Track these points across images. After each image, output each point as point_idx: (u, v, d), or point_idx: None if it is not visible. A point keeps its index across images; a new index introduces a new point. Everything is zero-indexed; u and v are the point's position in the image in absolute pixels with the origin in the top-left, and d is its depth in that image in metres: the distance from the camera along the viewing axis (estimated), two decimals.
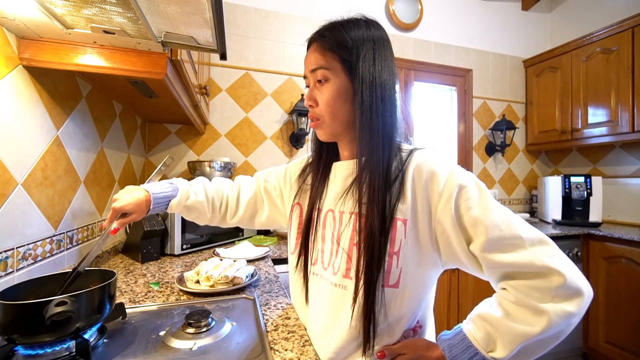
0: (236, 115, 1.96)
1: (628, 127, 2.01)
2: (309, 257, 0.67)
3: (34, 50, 0.74)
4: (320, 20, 0.62)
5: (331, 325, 0.59)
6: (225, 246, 1.47)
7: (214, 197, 0.80)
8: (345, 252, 0.59)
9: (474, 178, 0.55)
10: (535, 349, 0.50)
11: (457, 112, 2.55)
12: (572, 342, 2.01)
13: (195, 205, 0.76)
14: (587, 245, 2.05)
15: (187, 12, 0.62)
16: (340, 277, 0.59)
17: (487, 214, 0.50)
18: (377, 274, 0.53)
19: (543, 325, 0.46)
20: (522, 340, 0.48)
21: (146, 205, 0.70)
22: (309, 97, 0.62)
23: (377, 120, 0.56)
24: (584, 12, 2.56)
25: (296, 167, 0.78)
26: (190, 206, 0.75)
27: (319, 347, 0.61)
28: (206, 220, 0.80)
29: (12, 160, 0.71)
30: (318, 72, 0.59)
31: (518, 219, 0.52)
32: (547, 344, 0.49)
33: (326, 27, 0.61)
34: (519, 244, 0.49)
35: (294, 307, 0.75)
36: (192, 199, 0.75)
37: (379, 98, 0.57)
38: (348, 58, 0.58)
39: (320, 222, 0.66)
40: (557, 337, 0.49)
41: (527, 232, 0.50)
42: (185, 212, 0.76)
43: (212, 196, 0.79)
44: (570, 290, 0.47)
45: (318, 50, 0.60)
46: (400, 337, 0.58)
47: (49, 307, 0.50)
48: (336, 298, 0.59)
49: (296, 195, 0.73)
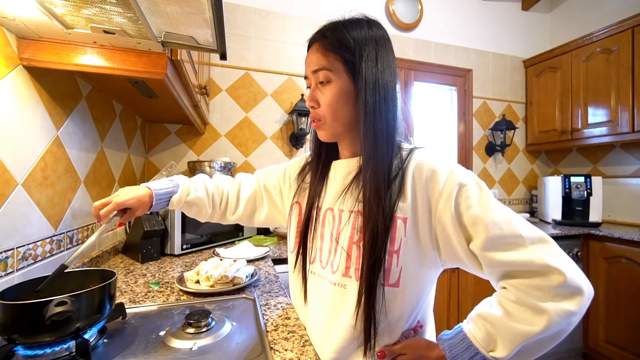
0: (236, 115, 1.96)
1: (628, 127, 2.01)
2: (308, 255, 0.67)
3: (34, 50, 0.74)
4: (320, 20, 0.62)
5: (331, 324, 0.59)
6: (225, 246, 1.47)
7: (214, 193, 0.80)
8: (345, 250, 0.59)
9: (474, 177, 0.55)
10: (535, 349, 0.50)
11: (457, 112, 2.55)
12: (572, 342, 2.01)
13: (196, 201, 0.76)
14: (587, 245, 2.05)
15: (187, 12, 0.62)
16: (340, 276, 0.59)
17: (487, 213, 0.50)
18: (377, 272, 0.53)
19: (543, 325, 0.46)
20: (523, 339, 0.48)
21: (149, 201, 0.70)
22: (310, 98, 0.62)
23: (381, 120, 0.56)
24: (584, 12, 2.56)
25: (295, 165, 0.78)
26: (191, 202, 0.76)
27: (319, 346, 0.60)
28: (207, 216, 0.80)
29: (12, 160, 0.71)
30: (320, 73, 0.59)
31: (518, 217, 0.52)
32: (548, 343, 0.49)
33: (328, 27, 0.60)
34: (519, 243, 0.49)
35: (294, 306, 0.75)
36: (193, 195, 0.76)
37: (382, 99, 0.57)
38: (350, 59, 0.57)
39: (320, 221, 0.66)
40: (558, 337, 0.49)
41: (528, 231, 0.50)
42: (186, 208, 0.77)
43: (212, 192, 0.80)
44: (570, 289, 0.47)
45: (320, 50, 0.59)
46: (400, 337, 0.58)
47: (49, 307, 0.50)
48: (335, 297, 0.59)
49: (295, 194, 0.74)
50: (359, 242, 0.57)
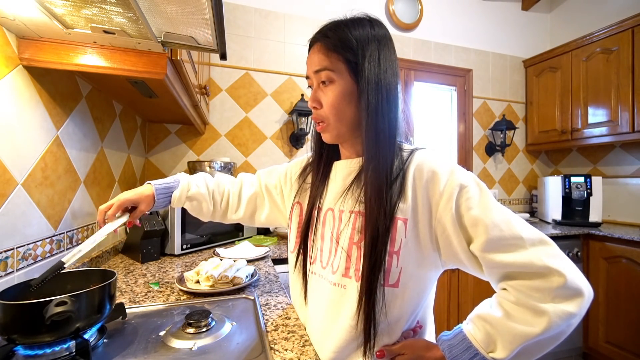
0: (236, 115, 1.96)
1: (628, 127, 2.01)
2: (308, 256, 0.67)
3: (34, 50, 0.74)
4: (320, 20, 0.62)
5: (330, 324, 0.59)
6: (225, 246, 1.47)
7: (214, 190, 0.80)
8: (345, 251, 0.59)
9: (474, 178, 0.55)
10: (535, 350, 0.50)
11: (457, 112, 2.55)
12: (572, 342, 2.01)
13: (197, 196, 0.77)
14: (587, 245, 2.05)
15: (187, 12, 0.61)
16: (340, 276, 0.59)
17: (488, 214, 0.50)
18: (377, 273, 0.53)
19: (543, 326, 0.46)
20: (522, 340, 0.48)
21: (150, 194, 0.72)
22: (312, 99, 0.61)
23: (383, 121, 0.56)
24: (584, 12, 2.56)
25: (297, 166, 0.79)
26: (192, 197, 0.77)
27: (319, 346, 0.60)
28: (208, 213, 0.81)
29: (12, 160, 0.71)
30: (322, 73, 0.59)
31: (518, 219, 0.52)
32: (547, 344, 0.49)
33: (329, 26, 0.60)
34: (519, 244, 0.49)
35: (294, 306, 0.75)
36: (194, 190, 0.77)
37: (384, 99, 0.56)
38: (353, 59, 0.57)
39: (320, 221, 0.66)
40: (557, 338, 0.49)
41: (528, 232, 0.50)
42: (188, 204, 0.77)
43: (212, 189, 0.80)
44: (570, 290, 0.47)
45: (322, 50, 0.59)
46: (399, 337, 0.58)
47: (49, 307, 0.50)
48: (335, 297, 0.59)
49: (296, 194, 0.74)
50: (359, 242, 0.57)
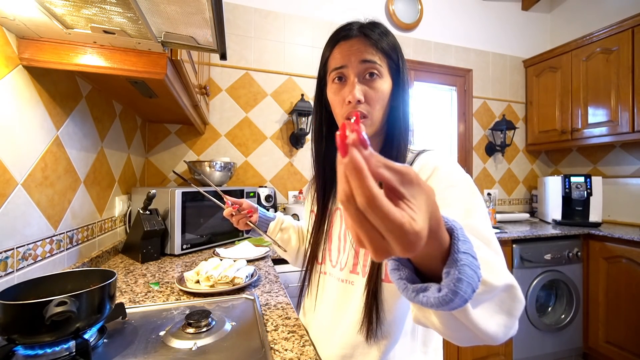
0: (236, 115, 1.96)
1: (628, 127, 2.01)
2: (319, 258, 0.69)
3: (34, 50, 0.74)
4: (320, 20, 0.62)
5: (337, 320, 0.61)
6: (225, 246, 1.47)
7: (299, 228, 0.89)
8: (353, 248, 0.61)
9: (470, 180, 0.55)
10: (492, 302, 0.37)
11: (457, 112, 2.55)
12: (572, 342, 2.01)
13: (288, 228, 0.86)
14: (587, 245, 2.05)
15: (187, 12, 0.62)
16: (347, 273, 0.61)
17: (473, 212, 0.50)
18: (381, 268, 0.55)
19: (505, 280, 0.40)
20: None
21: (256, 213, 0.82)
22: (360, 92, 0.56)
23: (405, 123, 0.61)
24: (584, 12, 2.56)
25: (307, 186, 0.84)
26: (285, 228, 0.86)
27: (325, 343, 0.62)
28: (294, 248, 0.86)
29: (12, 160, 0.71)
30: (373, 65, 0.57)
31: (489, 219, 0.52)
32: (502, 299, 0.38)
33: (369, 25, 0.59)
34: (488, 243, 0.46)
35: (305, 310, 0.77)
36: (287, 223, 0.87)
37: (407, 103, 0.61)
38: (396, 60, 0.60)
39: (329, 221, 0.68)
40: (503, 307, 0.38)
41: (497, 242, 0.46)
42: (280, 237, 0.85)
43: (298, 227, 0.89)
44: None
45: (370, 43, 0.57)
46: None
47: (49, 307, 0.50)
48: (342, 293, 0.61)
49: (312, 204, 0.76)
50: None
